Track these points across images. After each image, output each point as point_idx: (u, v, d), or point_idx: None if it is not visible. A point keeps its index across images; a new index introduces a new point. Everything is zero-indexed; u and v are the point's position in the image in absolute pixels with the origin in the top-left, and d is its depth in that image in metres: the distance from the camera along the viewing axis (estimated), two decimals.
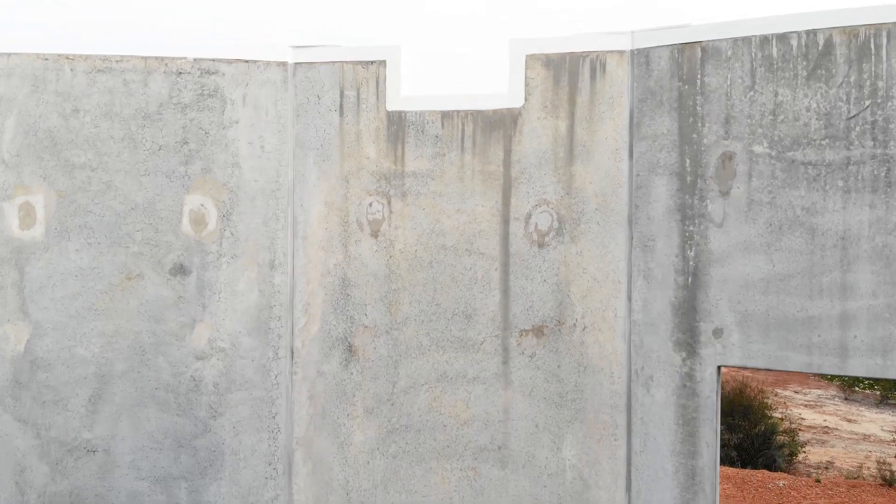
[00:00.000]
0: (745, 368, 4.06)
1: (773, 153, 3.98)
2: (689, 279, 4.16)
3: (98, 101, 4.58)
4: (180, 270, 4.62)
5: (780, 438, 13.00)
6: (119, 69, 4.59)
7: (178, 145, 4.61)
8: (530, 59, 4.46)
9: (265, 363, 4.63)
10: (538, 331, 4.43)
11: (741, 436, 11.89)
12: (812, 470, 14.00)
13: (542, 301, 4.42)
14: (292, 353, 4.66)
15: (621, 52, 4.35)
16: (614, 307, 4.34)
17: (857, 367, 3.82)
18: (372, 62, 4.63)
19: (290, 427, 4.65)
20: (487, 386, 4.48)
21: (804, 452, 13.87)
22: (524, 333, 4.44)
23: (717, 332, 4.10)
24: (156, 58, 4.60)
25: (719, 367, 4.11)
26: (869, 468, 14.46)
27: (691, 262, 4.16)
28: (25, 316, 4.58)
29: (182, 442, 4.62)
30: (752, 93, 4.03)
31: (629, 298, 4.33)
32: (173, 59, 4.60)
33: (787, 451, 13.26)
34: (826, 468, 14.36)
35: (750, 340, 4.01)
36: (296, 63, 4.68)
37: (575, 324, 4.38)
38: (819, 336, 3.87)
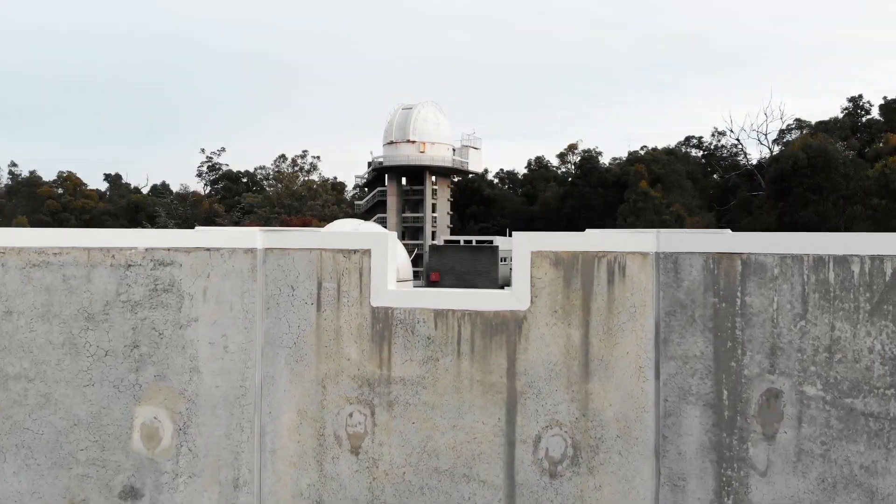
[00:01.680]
0: None
1: (829, 398, 3.34)
2: None
3: (34, 301, 3.93)
4: (131, 494, 3.96)
5: None
6: (58, 263, 3.93)
7: (126, 350, 3.95)
8: (536, 256, 3.81)
9: None
10: None
11: None
12: None
13: None
14: None
15: (644, 255, 3.70)
16: None
17: None
18: (355, 251, 3.98)
19: None
20: None
21: None
22: None
23: None
24: (100, 249, 3.94)
25: None
26: None
27: None
28: None
29: None
30: (803, 322, 3.39)
31: None
32: (121, 249, 3.95)
33: None
34: None
35: None
36: (266, 249, 4.03)
37: None
38: None
